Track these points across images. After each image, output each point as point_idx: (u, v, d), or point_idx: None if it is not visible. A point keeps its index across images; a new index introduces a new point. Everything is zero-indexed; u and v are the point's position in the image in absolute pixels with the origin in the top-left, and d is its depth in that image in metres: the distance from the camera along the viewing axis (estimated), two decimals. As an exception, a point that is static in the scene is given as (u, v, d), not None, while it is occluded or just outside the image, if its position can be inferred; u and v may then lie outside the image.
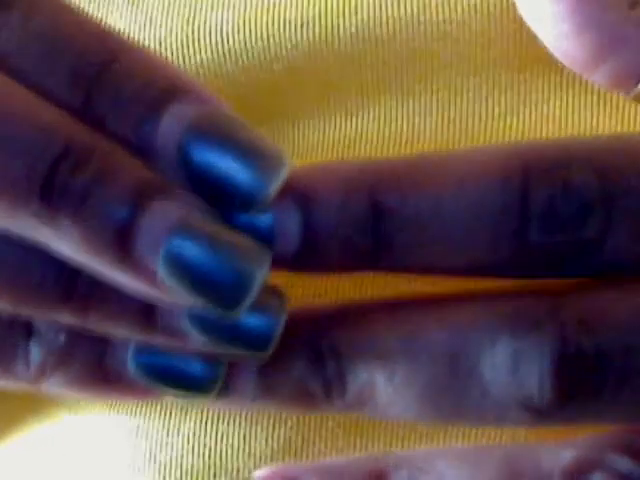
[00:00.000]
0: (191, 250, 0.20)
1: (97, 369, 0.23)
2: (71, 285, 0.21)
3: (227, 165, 0.21)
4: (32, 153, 0.20)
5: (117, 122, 0.21)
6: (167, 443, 0.27)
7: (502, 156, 0.22)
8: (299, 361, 0.23)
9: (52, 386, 0.23)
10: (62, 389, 0.23)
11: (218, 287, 0.20)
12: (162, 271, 0.20)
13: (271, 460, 0.27)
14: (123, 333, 0.22)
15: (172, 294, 0.21)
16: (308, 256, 0.22)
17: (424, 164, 0.22)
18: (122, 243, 0.20)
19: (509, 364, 0.22)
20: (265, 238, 0.22)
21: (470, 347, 0.22)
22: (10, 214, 0.20)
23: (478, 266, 0.23)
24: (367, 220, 0.22)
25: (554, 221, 0.22)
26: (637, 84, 0.25)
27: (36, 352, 0.23)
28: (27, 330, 0.23)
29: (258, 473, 0.25)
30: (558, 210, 0.22)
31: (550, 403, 0.22)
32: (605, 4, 0.24)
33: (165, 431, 0.27)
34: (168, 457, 0.27)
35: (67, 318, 0.22)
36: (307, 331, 0.23)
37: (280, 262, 0.22)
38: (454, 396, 0.22)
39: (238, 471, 0.27)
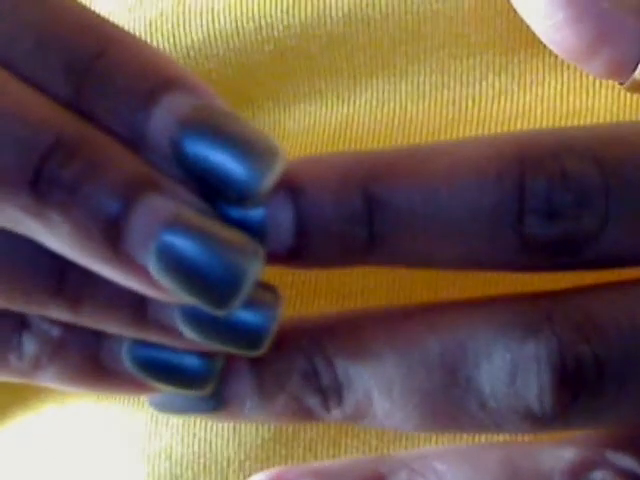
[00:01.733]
0: (182, 245, 0.20)
1: (92, 362, 0.23)
2: (62, 280, 0.21)
3: (221, 158, 0.20)
4: (22, 145, 0.19)
5: (109, 114, 0.20)
6: (156, 434, 0.27)
7: (497, 146, 0.22)
8: (294, 375, 0.23)
9: (46, 379, 0.23)
10: (57, 382, 0.23)
11: (210, 283, 0.20)
12: (153, 267, 0.20)
13: (261, 450, 0.27)
14: (114, 329, 0.22)
15: (163, 290, 0.20)
16: (302, 251, 0.22)
17: (418, 156, 0.22)
18: (112, 238, 0.20)
19: (507, 374, 0.22)
20: (258, 233, 0.21)
21: (467, 358, 0.22)
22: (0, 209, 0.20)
23: (474, 259, 0.22)
24: (361, 213, 0.22)
25: (551, 212, 0.21)
26: (632, 73, 0.25)
27: (30, 344, 0.22)
28: (20, 322, 0.22)
29: (254, 478, 0.25)
30: (555, 201, 0.21)
31: (549, 412, 0.22)
32: None
33: (154, 422, 0.27)
34: (157, 448, 0.27)
35: (58, 313, 0.21)
36: (301, 344, 0.23)
37: (274, 257, 0.22)
38: (452, 407, 0.22)
39: (228, 461, 0.27)
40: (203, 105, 0.21)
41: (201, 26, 0.27)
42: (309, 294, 0.27)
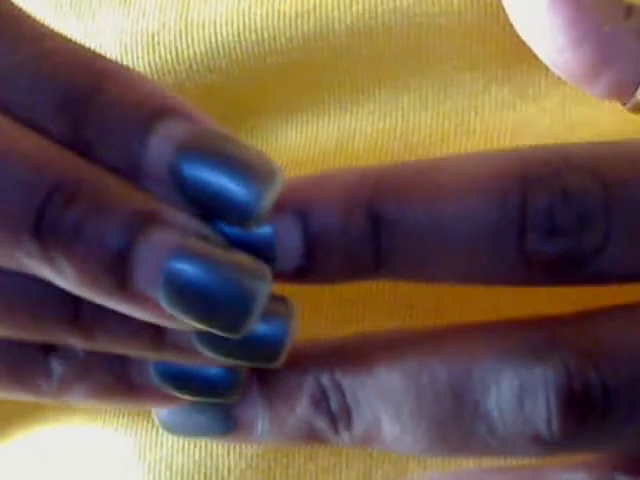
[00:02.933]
0: (189, 274, 0.20)
1: (119, 378, 0.23)
2: (76, 312, 0.21)
3: (220, 181, 0.20)
4: (22, 190, 0.20)
5: (106, 148, 0.20)
6: (157, 442, 0.27)
7: (501, 163, 0.22)
8: (304, 399, 0.23)
9: (76, 398, 0.23)
10: (86, 400, 0.23)
11: (220, 309, 0.20)
12: (163, 299, 0.20)
13: (262, 459, 0.27)
14: (133, 353, 0.22)
15: (176, 320, 0.20)
16: (310, 269, 0.22)
17: (422, 173, 0.22)
18: (120, 275, 0.20)
19: (514, 399, 0.22)
20: (266, 253, 0.21)
21: (475, 383, 0.22)
22: (4, 254, 0.20)
23: (477, 274, 0.23)
24: (367, 231, 0.22)
25: (552, 230, 0.22)
26: (634, 94, 0.25)
27: (57, 366, 0.23)
28: (46, 345, 0.23)
29: None
30: (557, 219, 0.22)
31: (557, 436, 0.22)
32: (601, 16, 0.24)
33: (154, 430, 0.27)
34: (158, 456, 0.27)
35: (75, 343, 0.22)
36: (310, 368, 0.23)
37: (282, 276, 0.22)
38: (461, 432, 0.22)
39: (229, 470, 0.27)
40: (199, 129, 0.21)
41: (203, 38, 0.27)
42: (312, 301, 0.27)
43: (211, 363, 0.22)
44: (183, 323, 0.20)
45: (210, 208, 0.21)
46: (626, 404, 0.22)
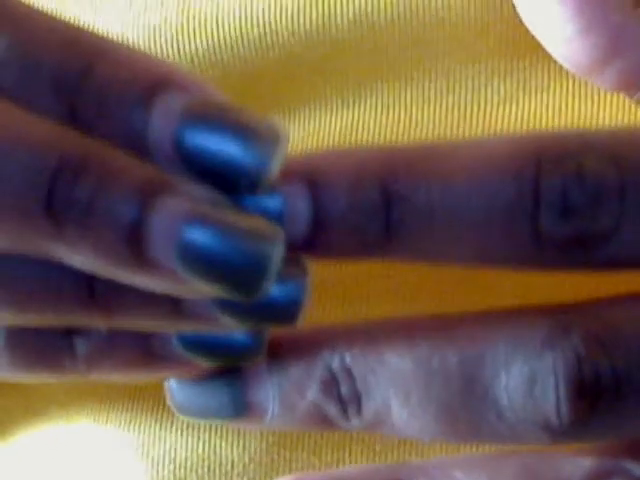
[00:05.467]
0: (204, 240, 0.20)
1: (143, 351, 0.23)
2: (91, 291, 0.21)
3: (224, 149, 0.20)
4: (29, 171, 0.20)
5: (107, 126, 0.20)
6: (160, 436, 0.27)
7: (516, 143, 0.22)
8: (314, 384, 0.23)
9: (101, 374, 0.23)
10: (111, 375, 0.23)
11: (236, 274, 0.20)
12: (179, 267, 0.20)
13: (266, 453, 0.27)
14: (152, 327, 0.22)
15: (193, 288, 0.20)
16: (317, 240, 0.22)
17: (436, 152, 0.22)
18: (134, 246, 0.20)
19: (524, 386, 0.22)
20: (275, 221, 0.21)
21: (485, 369, 0.22)
22: (18, 235, 0.20)
23: (489, 255, 0.22)
24: (377, 207, 0.22)
25: (566, 210, 0.21)
26: None
27: (81, 345, 0.22)
28: (69, 328, 0.22)
29: None
30: (570, 198, 0.21)
31: (567, 423, 0.22)
32: (609, 5, 0.24)
33: (158, 424, 0.27)
34: (161, 451, 0.27)
35: (95, 322, 0.22)
36: (321, 353, 0.23)
37: (290, 247, 0.22)
38: (470, 418, 0.22)
39: (232, 464, 0.27)
40: (198, 100, 0.21)
41: (205, 33, 0.27)
42: (315, 299, 0.27)
43: (231, 329, 0.22)
44: (200, 290, 0.20)
45: (218, 176, 0.21)
46: (636, 392, 0.22)
